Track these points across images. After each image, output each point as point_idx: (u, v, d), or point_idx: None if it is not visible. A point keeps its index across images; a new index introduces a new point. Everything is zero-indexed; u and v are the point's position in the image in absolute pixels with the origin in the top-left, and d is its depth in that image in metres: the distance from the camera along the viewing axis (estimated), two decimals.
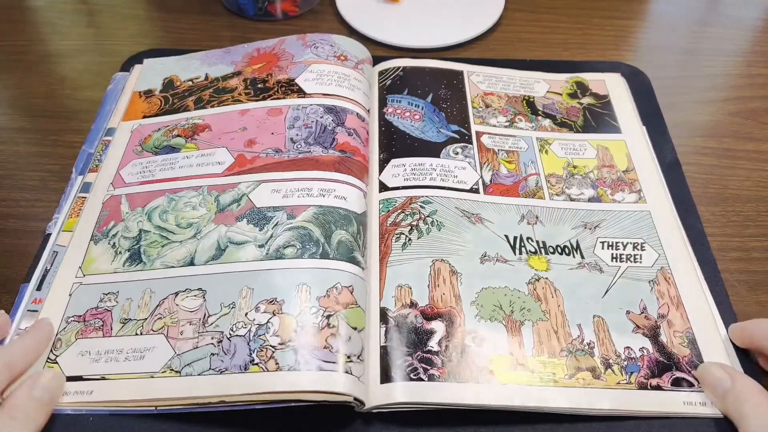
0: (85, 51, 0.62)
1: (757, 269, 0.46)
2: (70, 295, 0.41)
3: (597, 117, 0.54)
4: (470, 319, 0.40)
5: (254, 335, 0.37)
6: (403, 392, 0.36)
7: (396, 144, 0.50)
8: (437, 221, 0.45)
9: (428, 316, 0.40)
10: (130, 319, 0.39)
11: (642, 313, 0.41)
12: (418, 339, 0.38)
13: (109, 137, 0.51)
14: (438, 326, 0.39)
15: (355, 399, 0.35)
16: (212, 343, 0.37)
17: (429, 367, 0.37)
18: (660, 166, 0.51)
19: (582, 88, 0.57)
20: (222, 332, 0.38)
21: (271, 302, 0.38)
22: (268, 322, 0.38)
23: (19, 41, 0.63)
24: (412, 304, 0.40)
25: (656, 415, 0.37)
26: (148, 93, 0.55)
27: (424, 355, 0.38)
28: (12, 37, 0.64)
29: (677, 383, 0.37)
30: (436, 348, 0.38)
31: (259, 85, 0.53)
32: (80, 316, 0.40)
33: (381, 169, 0.49)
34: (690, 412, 0.36)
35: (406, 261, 0.42)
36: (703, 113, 0.57)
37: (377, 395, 0.36)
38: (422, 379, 0.36)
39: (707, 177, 0.52)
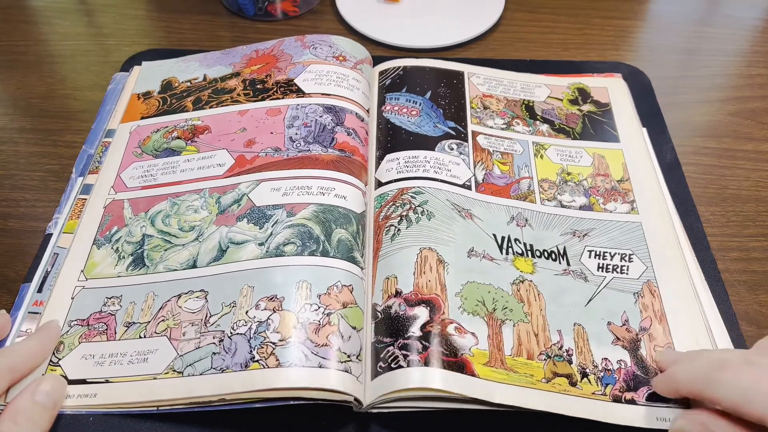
0: (85, 51, 0.63)
1: (757, 269, 0.46)
2: (72, 298, 0.41)
3: (596, 125, 0.54)
4: (454, 309, 0.39)
5: (255, 332, 0.37)
6: (387, 383, 0.36)
7: (391, 139, 0.50)
8: (428, 211, 0.44)
9: (411, 302, 0.39)
10: (134, 323, 0.39)
11: (623, 325, 0.41)
12: (401, 326, 0.38)
13: (109, 138, 0.51)
14: (421, 312, 0.39)
15: (354, 399, 0.35)
16: (214, 343, 0.37)
17: (409, 353, 0.37)
18: (660, 166, 0.51)
19: (583, 95, 0.56)
20: (223, 331, 0.38)
21: (271, 299, 0.38)
22: (268, 319, 0.38)
23: (19, 41, 0.63)
24: (397, 293, 0.40)
25: (629, 426, 0.36)
26: (147, 95, 0.55)
27: (406, 341, 0.37)
28: (12, 37, 0.64)
29: (652, 398, 0.37)
30: (418, 333, 0.38)
31: (258, 86, 0.53)
32: (83, 320, 0.40)
33: (377, 166, 0.49)
34: (663, 427, 0.36)
35: (395, 252, 0.42)
36: (703, 113, 0.57)
37: (369, 392, 0.36)
38: (402, 366, 0.36)
39: (707, 177, 0.52)
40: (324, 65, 0.54)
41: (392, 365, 0.36)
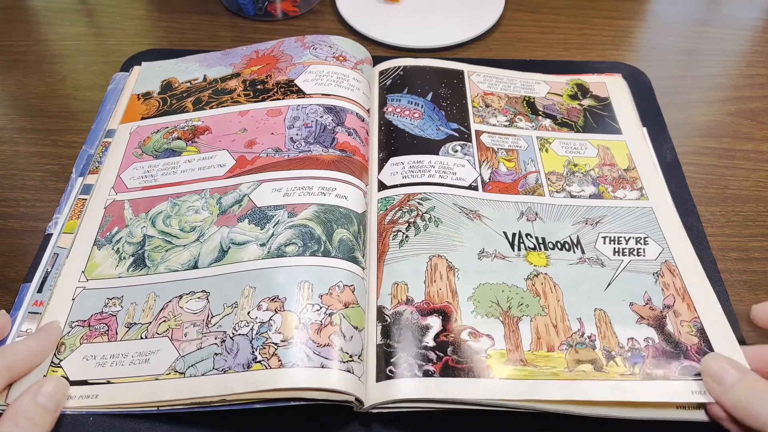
0: (85, 51, 0.62)
1: (757, 269, 0.46)
2: (73, 299, 0.41)
3: (597, 118, 0.54)
4: (467, 314, 0.40)
5: (256, 333, 0.37)
6: (398, 389, 0.36)
7: (395, 142, 0.50)
8: (435, 217, 0.45)
9: (424, 312, 0.39)
10: (135, 324, 0.39)
11: (646, 304, 0.40)
12: (414, 335, 0.38)
13: (109, 139, 0.51)
14: (434, 322, 0.39)
15: (356, 399, 0.35)
16: (215, 343, 0.37)
17: (424, 363, 0.37)
18: (660, 166, 0.51)
19: (582, 90, 0.57)
20: (225, 332, 0.38)
21: (273, 300, 0.38)
22: (270, 319, 0.38)
23: (19, 41, 0.63)
24: (408, 301, 0.40)
25: (662, 404, 0.36)
26: (147, 95, 0.55)
27: (420, 351, 0.37)
28: (12, 37, 0.64)
29: (685, 372, 0.37)
30: (431, 344, 0.38)
31: (258, 86, 0.53)
32: (85, 320, 0.40)
33: (380, 168, 0.49)
34: (698, 401, 0.36)
35: (403, 258, 0.42)
36: (703, 113, 0.57)
37: (374, 394, 0.36)
38: (417, 375, 0.36)
39: (707, 177, 0.52)
40: (324, 65, 0.54)
41: (406, 372, 0.36)
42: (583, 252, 0.44)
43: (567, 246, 0.44)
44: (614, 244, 0.44)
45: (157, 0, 0.69)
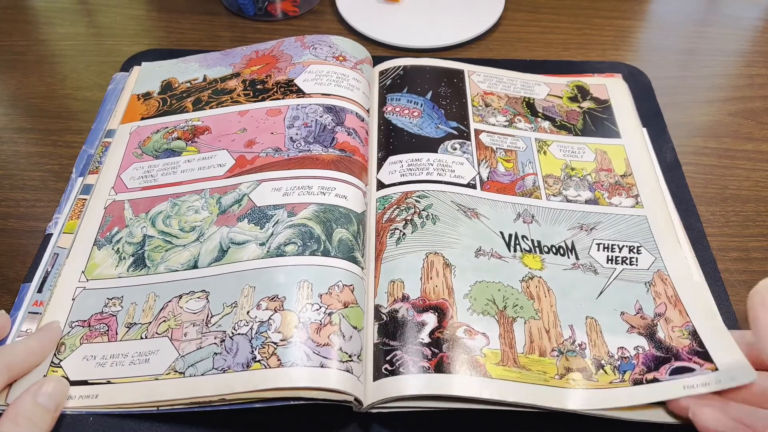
0: (85, 51, 0.63)
1: (757, 269, 0.46)
2: (73, 299, 0.41)
3: (596, 121, 0.54)
4: (462, 311, 0.39)
5: (256, 333, 0.37)
6: (394, 386, 0.36)
7: (394, 141, 0.50)
8: (432, 215, 0.45)
9: (420, 309, 0.39)
10: (135, 324, 0.39)
11: (637, 313, 0.41)
12: (409, 331, 0.38)
13: (109, 139, 0.51)
14: (429, 318, 0.39)
15: (355, 399, 0.35)
16: (215, 343, 0.37)
17: (419, 360, 0.37)
18: (660, 166, 0.51)
19: (582, 92, 0.56)
20: (224, 331, 0.38)
21: (272, 299, 0.39)
22: (269, 319, 0.38)
23: (19, 41, 0.63)
24: (404, 298, 0.40)
25: (656, 406, 0.36)
26: (146, 95, 0.55)
27: (415, 347, 0.37)
28: (12, 37, 0.64)
29: (677, 372, 0.37)
30: (427, 339, 0.38)
31: (258, 86, 0.53)
32: (85, 320, 0.40)
33: (379, 167, 0.49)
34: (691, 393, 0.35)
35: (400, 256, 0.42)
36: (703, 113, 0.57)
37: (370, 392, 0.36)
38: (412, 372, 0.36)
39: (707, 177, 0.52)
40: (324, 65, 0.54)
41: (401, 369, 0.36)
42: (577, 258, 0.44)
43: (562, 251, 0.44)
44: (608, 251, 0.44)
45: (157, 0, 0.69)
